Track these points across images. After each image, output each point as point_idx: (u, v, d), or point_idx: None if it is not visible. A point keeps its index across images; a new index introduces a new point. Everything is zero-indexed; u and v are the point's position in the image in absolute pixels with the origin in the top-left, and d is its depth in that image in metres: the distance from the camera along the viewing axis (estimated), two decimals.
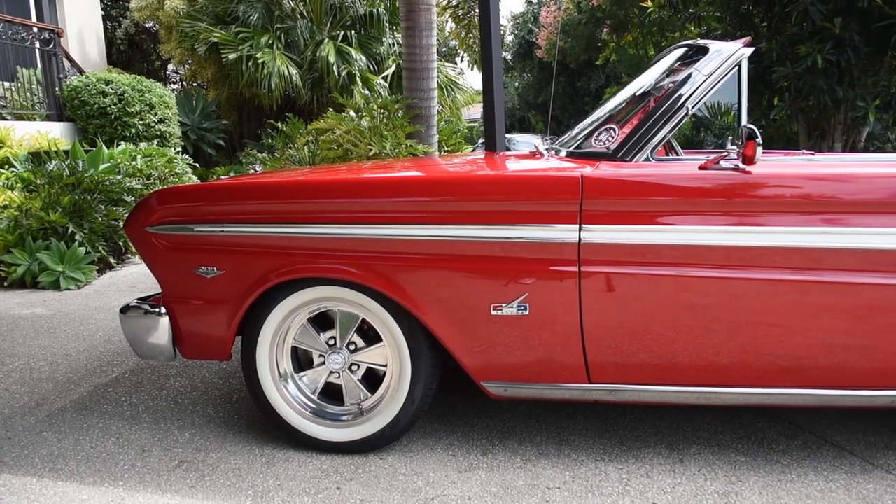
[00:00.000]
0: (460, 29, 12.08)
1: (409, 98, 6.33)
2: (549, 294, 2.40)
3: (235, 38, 11.33)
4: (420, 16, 6.18)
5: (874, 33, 5.42)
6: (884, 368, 2.38)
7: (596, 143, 2.67)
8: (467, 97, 12.10)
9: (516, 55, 26.74)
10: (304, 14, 12.06)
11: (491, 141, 5.70)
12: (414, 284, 2.46)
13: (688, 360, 2.43)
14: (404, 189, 2.60)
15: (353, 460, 2.67)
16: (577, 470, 2.58)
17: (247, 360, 2.70)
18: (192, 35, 11.90)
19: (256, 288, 2.57)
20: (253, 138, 13.21)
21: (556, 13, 21.75)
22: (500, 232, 2.40)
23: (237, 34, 11.40)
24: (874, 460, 2.63)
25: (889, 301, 2.33)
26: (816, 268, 2.33)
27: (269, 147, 8.65)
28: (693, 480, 2.50)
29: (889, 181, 2.35)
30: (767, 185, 2.33)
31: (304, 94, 11.69)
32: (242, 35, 11.39)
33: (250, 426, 2.98)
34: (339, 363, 2.68)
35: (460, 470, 2.59)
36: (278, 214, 2.59)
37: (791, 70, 5.72)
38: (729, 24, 6.53)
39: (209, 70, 12.74)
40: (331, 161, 6.09)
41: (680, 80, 2.54)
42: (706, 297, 2.37)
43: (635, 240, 2.34)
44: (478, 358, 2.51)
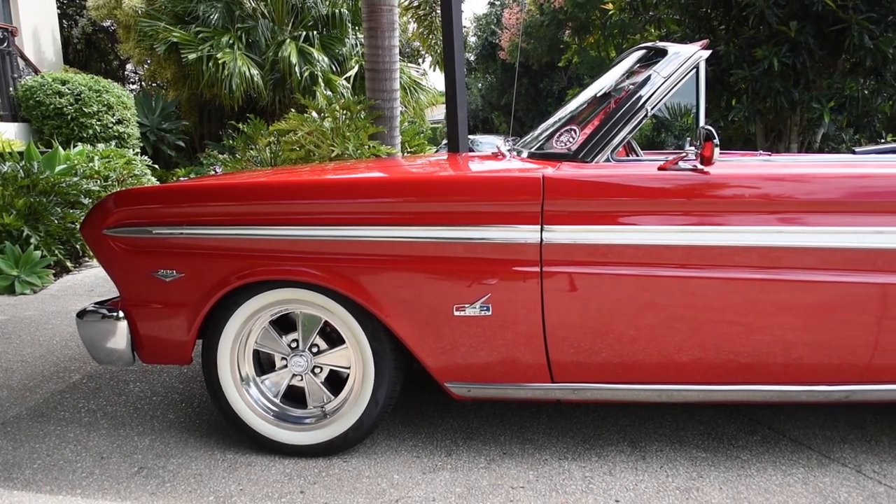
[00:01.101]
0: (422, 29, 12.07)
1: (372, 99, 6.31)
2: (512, 294, 2.41)
3: (195, 38, 11.19)
4: (382, 17, 6.16)
5: (828, 37, 5.54)
6: (839, 364, 2.44)
7: (557, 144, 2.69)
8: (431, 98, 12.10)
9: (479, 56, 26.81)
10: (265, 14, 11.96)
11: (454, 142, 5.70)
12: (376, 286, 2.45)
13: (649, 358, 2.46)
14: (367, 190, 2.59)
15: (316, 463, 2.65)
16: (541, 469, 2.59)
17: (208, 363, 2.67)
18: (150, 34, 11.72)
19: (217, 291, 2.54)
20: (214, 139, 13.05)
21: (518, 15, 21.86)
22: (462, 233, 2.40)
23: (197, 34, 11.26)
24: (830, 454, 2.69)
25: (844, 298, 2.38)
26: (774, 266, 2.37)
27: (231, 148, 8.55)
28: (655, 477, 2.53)
29: (843, 181, 2.41)
30: (725, 185, 2.37)
31: (266, 94, 11.58)
32: (202, 35, 11.24)
33: (212, 431, 2.94)
34: (302, 366, 2.65)
35: (424, 471, 2.59)
36: (239, 216, 2.56)
37: (748, 72, 5.83)
38: (688, 27, 6.63)
39: (169, 70, 12.56)
40: (293, 162, 6.05)
41: (639, 82, 2.57)
42: (667, 296, 2.40)
43: (596, 240, 2.36)
44: (441, 359, 2.51)
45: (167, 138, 12.33)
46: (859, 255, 2.36)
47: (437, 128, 21.59)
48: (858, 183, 2.42)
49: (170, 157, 12.37)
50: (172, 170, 11.56)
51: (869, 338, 2.40)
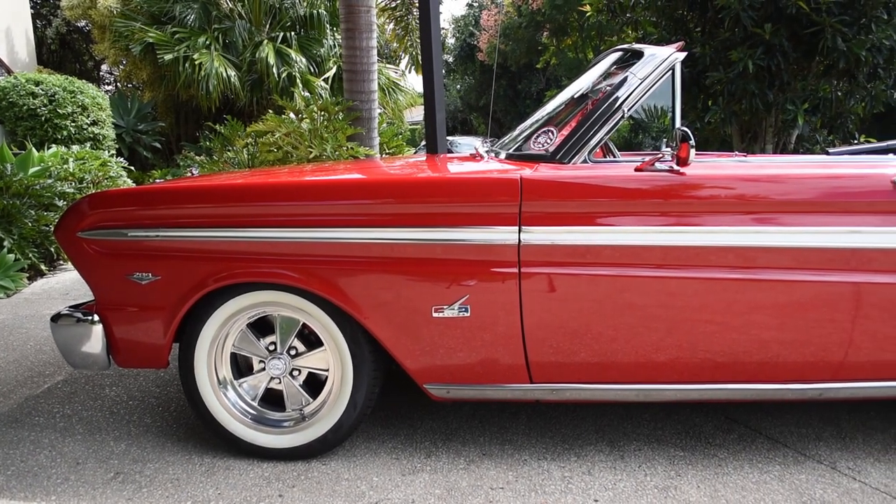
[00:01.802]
0: (399, 30, 12.06)
1: (350, 100, 6.29)
2: (490, 295, 2.41)
3: (172, 39, 11.10)
4: (360, 18, 6.14)
5: (802, 39, 5.61)
6: (814, 362, 2.47)
7: (535, 145, 2.70)
8: (409, 99, 12.10)
9: (458, 58, 26.84)
10: (242, 15, 11.89)
11: (432, 143, 5.70)
12: (355, 288, 2.45)
13: (627, 358, 2.48)
14: (345, 192, 2.59)
15: (295, 467, 2.64)
16: (521, 469, 2.60)
17: (185, 367, 2.65)
18: (126, 35, 11.60)
19: (194, 293, 2.52)
20: (191, 141, 12.95)
21: (496, 17, 21.92)
22: (440, 234, 2.40)
23: (173, 34, 11.17)
24: (806, 451, 2.72)
25: (819, 297, 2.41)
26: (750, 266, 2.40)
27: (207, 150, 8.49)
28: (633, 476, 2.54)
29: (817, 182, 2.44)
30: (701, 185, 2.39)
31: (244, 95, 11.51)
32: (179, 35, 11.16)
33: (189, 435, 2.91)
34: (280, 369, 2.64)
35: (404, 473, 2.58)
36: (216, 218, 2.54)
37: (724, 74, 5.88)
38: (664, 29, 6.68)
39: (144, 71, 12.44)
40: (270, 164, 6.01)
41: (616, 84, 2.58)
42: (644, 296, 2.42)
43: (574, 241, 2.37)
44: (420, 360, 2.51)
45: (143, 140, 12.22)
46: (833, 254, 2.39)
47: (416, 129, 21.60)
48: (832, 183, 2.45)
49: (146, 158, 12.26)
50: (149, 172, 11.46)
51: (843, 336, 2.43)
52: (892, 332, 2.44)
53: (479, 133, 25.49)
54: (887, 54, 5.60)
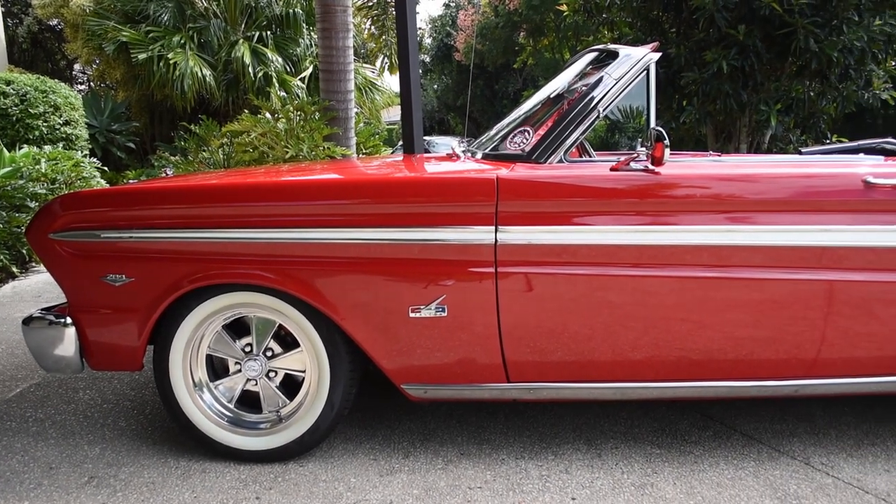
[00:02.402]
0: (376, 30, 12.04)
1: (327, 100, 6.26)
2: (467, 295, 2.41)
3: (146, 38, 10.99)
4: (336, 17, 6.12)
5: (775, 40, 5.67)
6: (788, 359, 2.50)
7: (511, 145, 2.70)
8: (386, 99, 12.07)
9: (435, 58, 26.84)
10: (217, 14, 11.80)
11: (409, 143, 5.69)
12: (331, 289, 2.44)
13: (604, 356, 2.49)
14: (321, 192, 2.58)
15: (272, 469, 2.62)
16: (498, 469, 2.60)
17: (159, 369, 2.62)
18: (99, 34, 11.47)
19: (168, 295, 2.49)
20: (166, 141, 12.83)
21: (473, 17, 21.94)
22: (417, 234, 2.40)
23: (147, 33, 11.06)
24: (780, 447, 2.75)
25: (792, 295, 2.44)
26: (724, 265, 2.42)
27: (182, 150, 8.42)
28: (611, 474, 2.56)
29: (790, 181, 2.47)
30: (675, 185, 2.41)
31: (219, 95, 11.43)
32: (153, 34, 11.05)
33: (165, 438, 2.89)
34: (256, 370, 2.62)
35: (382, 473, 2.57)
36: (191, 219, 2.52)
37: (699, 75, 5.93)
38: (640, 30, 6.72)
39: (118, 70, 12.30)
40: (246, 164, 5.97)
41: (591, 84, 2.59)
42: (620, 295, 2.43)
43: (550, 240, 2.38)
44: (397, 361, 2.50)
45: (117, 140, 12.08)
46: (806, 252, 2.42)
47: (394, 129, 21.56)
48: (805, 183, 2.48)
49: (120, 159, 12.12)
50: (123, 172, 11.33)
51: (816, 333, 2.46)
52: (864, 328, 2.48)
53: (457, 133, 25.50)
54: (858, 55, 5.68)
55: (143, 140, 13.12)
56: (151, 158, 11.05)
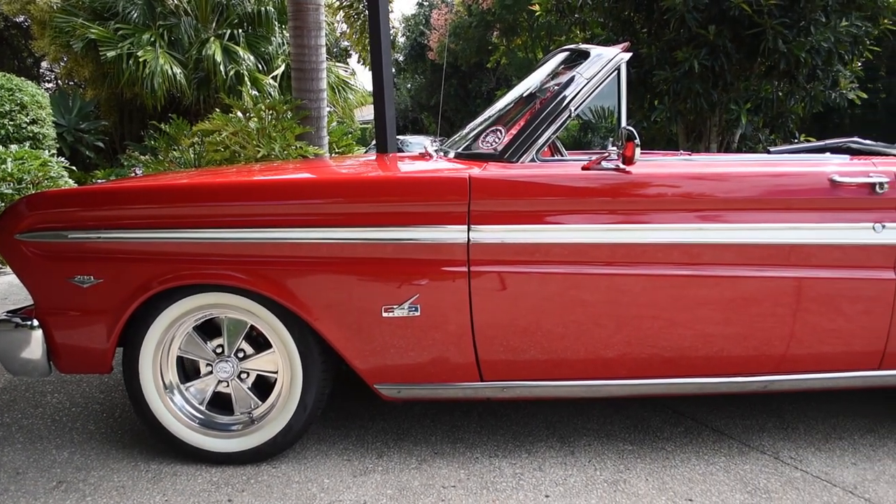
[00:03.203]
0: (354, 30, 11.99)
1: (299, 99, 6.22)
2: (440, 294, 2.41)
3: (115, 35, 10.84)
4: (308, 16, 6.09)
5: (745, 40, 5.74)
6: (757, 355, 2.53)
7: (483, 144, 2.71)
8: (360, 98, 12.02)
9: (408, 57, 26.79)
10: (188, 11, 11.68)
11: (382, 142, 5.68)
12: (304, 289, 2.42)
13: (576, 354, 2.50)
14: (294, 192, 2.56)
15: (244, 471, 2.60)
16: (472, 467, 2.60)
17: (129, 372, 2.59)
18: (67, 31, 11.30)
19: (138, 296, 2.46)
20: (135, 140, 12.67)
21: (446, 16, 21.94)
22: (390, 234, 2.40)
23: (117, 31, 10.91)
24: (750, 442, 2.79)
25: (761, 292, 2.47)
26: (695, 262, 2.45)
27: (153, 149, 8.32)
28: (584, 471, 2.57)
29: (759, 179, 2.50)
30: (646, 184, 2.43)
31: (190, 94, 11.31)
32: (122, 32, 10.91)
33: (135, 441, 2.85)
34: (228, 372, 2.60)
35: (355, 474, 2.57)
36: (161, 219, 2.49)
37: (670, 74, 5.98)
38: (611, 30, 6.76)
39: (87, 68, 12.13)
40: (217, 163, 5.92)
41: (563, 83, 2.61)
42: (593, 293, 2.44)
43: (523, 239, 2.39)
44: (370, 360, 2.50)
45: (85, 139, 11.91)
46: (774, 250, 2.46)
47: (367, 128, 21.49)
48: (773, 181, 2.51)
49: (88, 158, 11.95)
50: (91, 172, 11.17)
51: (785, 330, 2.50)
52: (831, 325, 2.51)
53: (430, 132, 25.49)
54: (825, 56, 5.76)
55: (112, 139, 12.94)
56: (121, 158, 10.91)
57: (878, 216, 2.47)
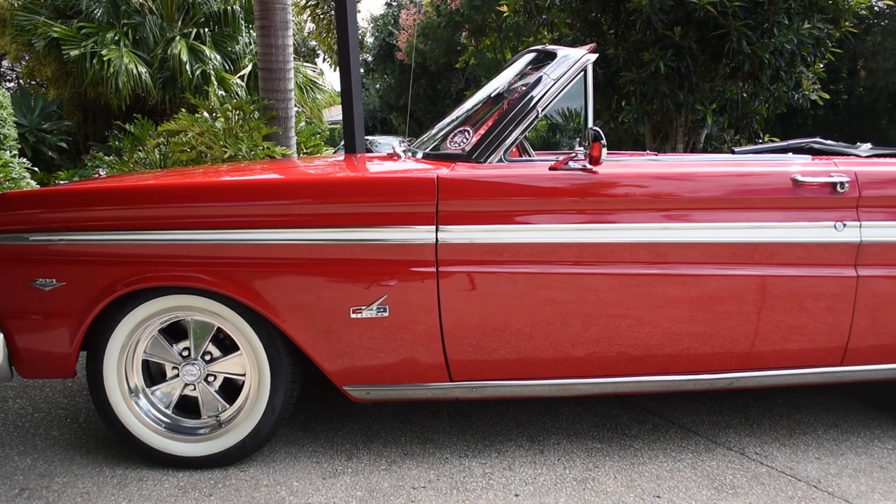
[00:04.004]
0: (321, 30, 11.92)
1: (266, 99, 6.16)
2: (409, 295, 2.41)
3: (78, 34, 10.65)
4: (275, 15, 6.03)
5: (710, 42, 5.81)
6: (723, 353, 2.56)
7: (451, 144, 2.71)
8: (328, 98, 11.95)
9: (377, 57, 26.67)
10: (153, 10, 11.51)
11: (350, 143, 5.65)
12: (271, 290, 2.40)
13: (545, 353, 2.51)
14: (261, 192, 2.54)
15: (212, 475, 2.57)
16: (442, 468, 2.60)
17: (93, 376, 2.55)
18: (28, 29, 11.06)
19: (101, 299, 2.42)
20: (100, 140, 12.46)
21: (415, 16, 21.91)
22: (358, 234, 2.39)
23: (80, 29, 10.72)
24: (716, 438, 2.82)
25: (726, 290, 2.51)
26: (661, 261, 2.47)
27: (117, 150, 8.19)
28: (553, 470, 2.58)
29: (724, 179, 2.53)
30: (613, 184, 2.45)
31: (156, 93, 11.15)
32: (86, 30, 10.71)
33: (100, 446, 2.80)
34: (195, 375, 2.57)
35: (325, 476, 2.55)
36: (126, 221, 2.46)
37: (636, 75, 6.03)
38: (579, 31, 6.79)
39: (49, 67, 11.89)
40: (183, 164, 5.84)
41: (531, 84, 2.62)
42: (561, 292, 2.46)
43: (491, 239, 2.39)
44: (338, 362, 2.48)
45: (48, 139, 11.69)
46: (739, 249, 2.49)
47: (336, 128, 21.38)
48: (738, 181, 2.55)
49: (51, 159, 11.73)
50: (54, 173, 10.95)
51: (750, 327, 2.53)
52: (795, 322, 2.56)
53: (400, 132, 25.42)
54: (788, 58, 5.85)
55: (75, 140, 12.71)
56: (84, 159, 10.72)
57: (840, 215, 2.52)
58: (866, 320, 2.57)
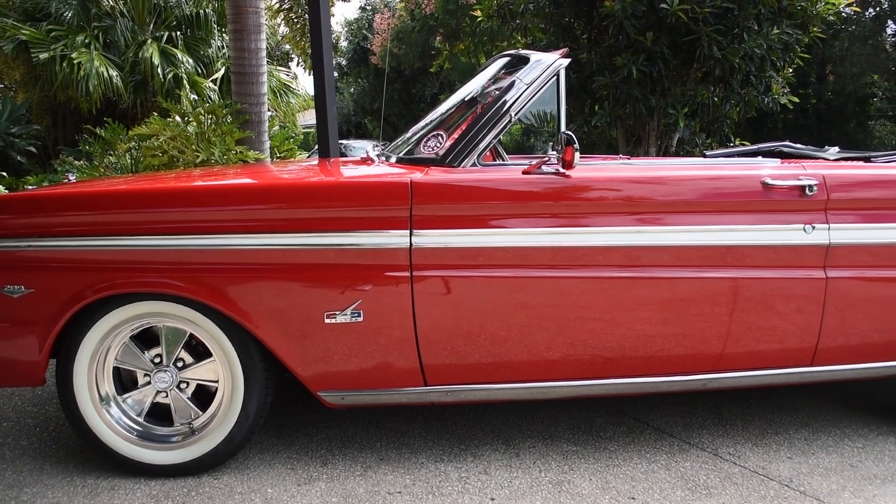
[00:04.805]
0: (294, 33, 11.86)
1: (239, 103, 6.12)
2: (383, 300, 2.40)
3: (47, 37, 10.50)
4: (248, 19, 6.00)
5: (681, 47, 5.87)
6: (696, 354, 2.59)
7: (425, 149, 2.71)
8: (302, 102, 11.88)
9: (351, 61, 26.62)
10: (124, 13, 11.39)
11: (324, 147, 5.63)
12: (244, 296, 2.38)
13: (520, 357, 2.52)
14: (234, 197, 2.52)
15: (185, 483, 2.54)
16: (418, 473, 2.60)
17: (63, 384, 2.51)
18: None
19: (71, 306, 2.39)
20: (70, 145, 12.28)
21: (389, 20, 21.90)
22: (332, 239, 2.38)
23: (49, 32, 10.57)
24: (690, 439, 2.84)
25: (699, 292, 2.53)
26: (635, 264, 2.49)
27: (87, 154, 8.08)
28: (528, 473, 2.59)
29: (696, 183, 2.56)
30: (586, 187, 2.47)
31: (127, 97, 11.02)
32: (55, 33, 10.57)
33: (70, 456, 2.76)
34: (167, 382, 2.54)
35: (299, 483, 2.53)
36: (96, 226, 2.43)
37: (609, 80, 6.08)
38: (552, 35, 6.83)
39: (18, 70, 11.71)
40: (155, 169, 5.78)
41: (504, 88, 2.62)
42: (536, 296, 2.47)
43: (465, 243, 2.40)
44: (312, 368, 2.47)
45: (16, 144, 11.51)
46: (711, 251, 2.52)
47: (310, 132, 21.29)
48: (709, 185, 2.58)
49: (20, 163, 11.54)
50: (23, 178, 10.78)
51: (722, 329, 2.56)
52: (766, 323, 2.59)
53: (375, 136, 25.38)
54: (758, 62, 5.93)
55: (45, 144, 12.52)
56: (54, 163, 10.56)
57: (809, 217, 2.56)
58: (835, 321, 2.61)
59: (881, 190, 2.69)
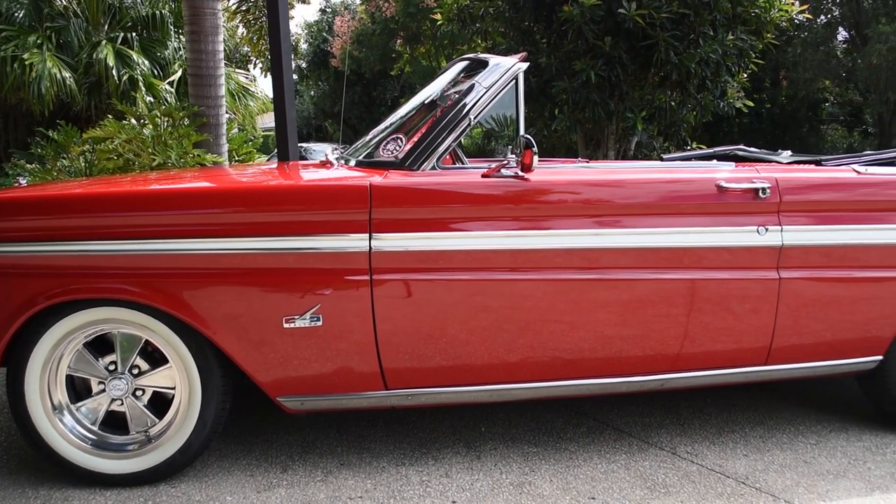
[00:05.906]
0: (252, 34, 11.76)
1: (196, 105, 6.04)
2: (342, 304, 2.39)
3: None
4: (205, 20, 5.93)
5: (639, 52, 5.95)
6: (654, 355, 2.62)
7: (384, 152, 2.70)
8: (261, 105, 11.78)
9: (311, 64, 26.47)
10: (77, 13, 11.18)
11: (283, 150, 5.58)
12: (201, 302, 2.35)
13: (481, 360, 2.53)
14: (191, 201, 2.49)
15: (141, 492, 2.49)
16: (379, 477, 2.58)
17: (13, 393, 2.44)
18: None
19: (21, 313, 2.33)
20: (21, 147, 12.01)
21: (349, 23, 21.82)
22: (290, 243, 2.36)
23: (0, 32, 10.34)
24: (649, 439, 2.88)
25: (657, 293, 2.57)
26: (593, 267, 2.52)
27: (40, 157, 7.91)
28: (490, 475, 2.59)
29: (653, 186, 2.60)
30: (545, 191, 2.49)
31: (81, 99, 10.81)
32: (6, 34, 10.34)
33: (22, 467, 2.69)
34: (122, 389, 2.49)
35: (259, 490, 2.50)
36: (48, 231, 2.38)
37: (568, 84, 6.13)
38: (512, 40, 6.87)
39: None
40: (110, 172, 5.67)
41: (463, 92, 2.63)
42: (496, 299, 2.48)
43: (424, 246, 2.40)
44: (271, 373, 2.44)
45: None
46: (668, 253, 2.55)
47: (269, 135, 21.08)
48: (666, 188, 2.61)
49: None
50: None
51: (679, 329, 2.59)
52: (722, 323, 2.63)
53: (335, 139, 25.23)
54: (714, 68, 6.05)
55: None
56: (5, 167, 10.31)
57: (762, 220, 2.61)
58: (788, 321, 2.67)
59: (832, 192, 2.76)
